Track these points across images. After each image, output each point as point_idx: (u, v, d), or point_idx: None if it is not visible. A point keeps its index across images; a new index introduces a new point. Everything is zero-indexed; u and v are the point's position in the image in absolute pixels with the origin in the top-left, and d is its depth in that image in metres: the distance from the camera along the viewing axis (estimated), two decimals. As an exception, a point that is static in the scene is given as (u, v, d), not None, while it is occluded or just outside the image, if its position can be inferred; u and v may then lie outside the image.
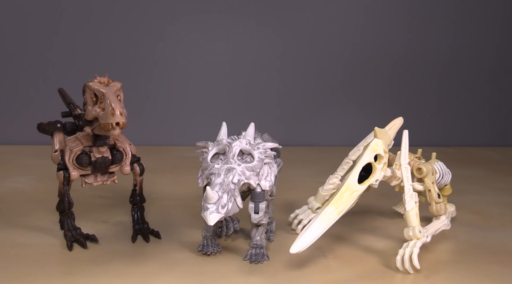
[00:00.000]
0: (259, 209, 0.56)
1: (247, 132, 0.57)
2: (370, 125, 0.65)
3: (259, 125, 0.63)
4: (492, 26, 1.33)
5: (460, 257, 0.62)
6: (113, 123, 0.53)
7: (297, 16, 1.25)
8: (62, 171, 0.59)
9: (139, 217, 0.65)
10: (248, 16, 1.23)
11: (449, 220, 0.68)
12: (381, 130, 0.60)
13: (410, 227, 0.59)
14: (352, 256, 0.61)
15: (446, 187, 0.72)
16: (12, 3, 1.14)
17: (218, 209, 0.51)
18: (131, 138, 0.65)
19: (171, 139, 1.24)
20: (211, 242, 0.60)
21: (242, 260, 0.58)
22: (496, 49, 1.35)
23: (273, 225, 0.66)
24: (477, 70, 1.35)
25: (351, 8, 1.26)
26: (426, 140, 1.29)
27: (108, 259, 0.57)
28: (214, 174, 0.53)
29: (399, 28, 1.29)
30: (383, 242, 0.66)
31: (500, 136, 1.39)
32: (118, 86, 0.55)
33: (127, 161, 0.61)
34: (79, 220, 0.64)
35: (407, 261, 0.56)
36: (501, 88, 1.37)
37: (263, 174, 0.55)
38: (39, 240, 0.62)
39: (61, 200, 0.61)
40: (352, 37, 1.28)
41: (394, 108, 1.31)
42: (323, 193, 0.67)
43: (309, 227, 0.55)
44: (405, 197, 0.60)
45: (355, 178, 0.57)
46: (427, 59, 1.32)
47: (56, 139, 0.63)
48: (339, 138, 1.29)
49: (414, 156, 0.67)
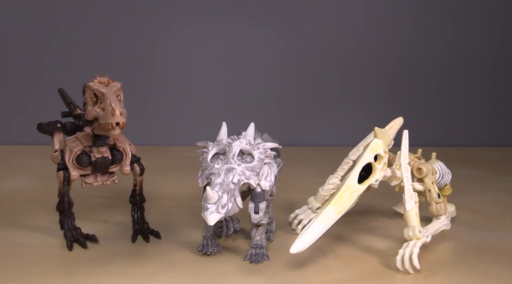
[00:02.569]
0: (259, 209, 0.56)
1: (247, 132, 0.57)
2: (370, 125, 0.65)
3: (259, 125, 0.63)
4: (492, 26, 1.33)
5: (460, 257, 0.62)
6: (113, 123, 0.53)
7: (297, 16, 1.25)
8: (62, 171, 0.59)
9: (139, 217, 0.65)
10: (248, 16, 1.23)
11: (449, 220, 0.68)
12: (381, 130, 0.60)
13: (410, 227, 0.59)
14: (352, 256, 0.61)
15: (446, 187, 0.72)
16: (12, 3, 1.14)
17: (218, 209, 0.51)
18: (131, 139, 0.65)
19: (171, 140, 1.24)
20: (211, 242, 0.60)
21: (242, 260, 0.58)
22: (496, 49, 1.35)
23: (273, 225, 0.66)
24: (477, 70, 1.35)
25: (352, 8, 1.27)
26: (426, 141, 1.29)
27: (108, 259, 0.57)
28: (214, 174, 0.53)
29: (400, 28, 1.29)
30: (383, 242, 0.66)
31: (500, 136, 1.39)
32: (118, 86, 0.55)
33: (127, 161, 0.61)
34: (79, 220, 0.64)
35: (407, 261, 0.56)
36: (501, 88, 1.37)
37: (263, 174, 0.55)
38: (39, 240, 0.62)
39: (61, 200, 0.61)
40: (352, 37, 1.28)
41: (394, 108, 1.31)
42: (323, 193, 0.67)
43: (309, 227, 0.55)
44: (405, 197, 0.60)
45: (355, 178, 0.57)
46: (427, 59, 1.32)
47: (56, 140, 0.63)
48: (339, 139, 1.29)
49: (414, 156, 0.67)
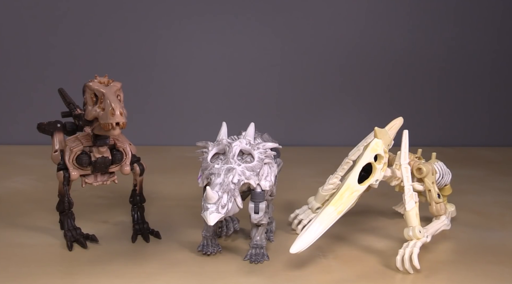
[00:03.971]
0: (259, 209, 0.56)
1: (247, 132, 0.57)
2: (370, 125, 0.65)
3: (259, 125, 0.63)
4: (492, 26, 1.33)
5: (460, 257, 0.62)
6: (113, 123, 0.53)
7: (297, 16, 1.25)
8: (62, 171, 0.59)
9: (139, 217, 0.65)
10: (248, 16, 1.23)
11: (449, 220, 0.68)
12: (381, 130, 0.60)
13: (410, 227, 0.59)
14: (352, 256, 0.61)
15: (446, 187, 0.72)
16: (12, 3, 1.14)
17: (218, 209, 0.51)
18: (131, 139, 0.65)
19: (171, 139, 1.24)
20: (211, 242, 0.60)
21: (242, 260, 0.58)
22: (495, 49, 1.35)
23: (273, 225, 0.66)
24: (477, 70, 1.35)
25: (351, 8, 1.26)
26: (426, 140, 1.29)
27: (108, 259, 0.57)
28: (214, 174, 0.53)
29: (399, 28, 1.29)
30: (383, 242, 0.66)
31: (500, 136, 1.39)
32: (118, 86, 0.55)
33: (127, 161, 0.61)
34: (79, 220, 0.64)
35: (407, 261, 0.56)
36: (501, 88, 1.37)
37: (263, 174, 0.55)
38: (39, 240, 0.62)
39: (61, 200, 0.61)
40: (352, 37, 1.28)
41: (394, 108, 1.31)
42: (323, 193, 0.67)
43: (309, 227, 0.55)
44: (405, 197, 0.60)
45: (355, 178, 0.57)
46: (427, 59, 1.32)
47: (56, 140, 0.63)
48: (339, 139, 1.29)
49: (414, 156, 0.67)
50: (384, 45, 1.29)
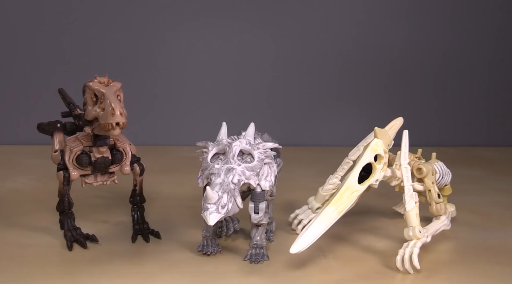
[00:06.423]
0: (259, 209, 0.56)
1: (247, 132, 0.57)
2: (370, 125, 0.65)
3: (259, 125, 0.63)
4: (491, 26, 1.33)
5: (460, 257, 0.62)
6: (113, 123, 0.53)
7: (297, 16, 1.25)
8: (62, 171, 0.59)
9: (139, 217, 0.65)
10: (248, 16, 1.23)
11: (449, 220, 0.68)
12: (381, 130, 0.60)
13: (410, 227, 0.59)
14: (352, 256, 0.61)
15: (446, 187, 0.72)
16: (12, 3, 1.14)
17: (218, 209, 0.51)
18: (131, 139, 0.65)
19: (171, 139, 1.24)
20: (211, 242, 0.60)
21: (242, 260, 0.58)
22: (495, 49, 1.35)
23: (273, 225, 0.66)
24: (476, 70, 1.35)
25: (351, 8, 1.26)
26: (426, 141, 1.29)
27: (108, 259, 0.57)
28: (214, 174, 0.53)
29: (399, 28, 1.29)
30: (383, 242, 0.66)
31: (500, 136, 1.39)
32: (118, 86, 0.55)
33: (127, 161, 0.61)
34: (79, 220, 0.64)
35: (407, 261, 0.56)
36: (501, 88, 1.37)
37: (263, 174, 0.55)
38: (39, 240, 0.62)
39: (61, 200, 0.61)
40: (352, 37, 1.28)
41: (394, 108, 1.31)
42: (323, 193, 0.67)
43: (309, 227, 0.55)
44: (405, 197, 0.60)
45: (355, 178, 0.57)
46: (427, 59, 1.32)
47: (56, 140, 0.63)
48: (339, 139, 1.29)
49: (414, 156, 0.67)
50: (384, 44, 1.29)
